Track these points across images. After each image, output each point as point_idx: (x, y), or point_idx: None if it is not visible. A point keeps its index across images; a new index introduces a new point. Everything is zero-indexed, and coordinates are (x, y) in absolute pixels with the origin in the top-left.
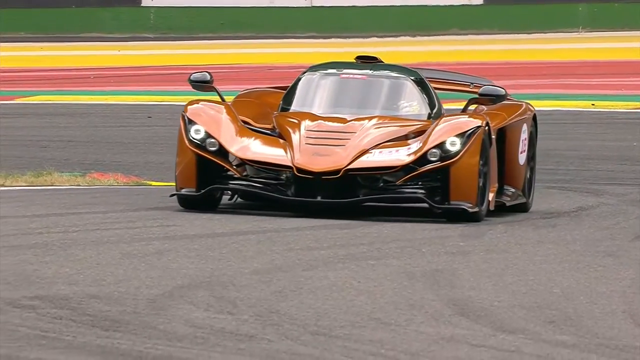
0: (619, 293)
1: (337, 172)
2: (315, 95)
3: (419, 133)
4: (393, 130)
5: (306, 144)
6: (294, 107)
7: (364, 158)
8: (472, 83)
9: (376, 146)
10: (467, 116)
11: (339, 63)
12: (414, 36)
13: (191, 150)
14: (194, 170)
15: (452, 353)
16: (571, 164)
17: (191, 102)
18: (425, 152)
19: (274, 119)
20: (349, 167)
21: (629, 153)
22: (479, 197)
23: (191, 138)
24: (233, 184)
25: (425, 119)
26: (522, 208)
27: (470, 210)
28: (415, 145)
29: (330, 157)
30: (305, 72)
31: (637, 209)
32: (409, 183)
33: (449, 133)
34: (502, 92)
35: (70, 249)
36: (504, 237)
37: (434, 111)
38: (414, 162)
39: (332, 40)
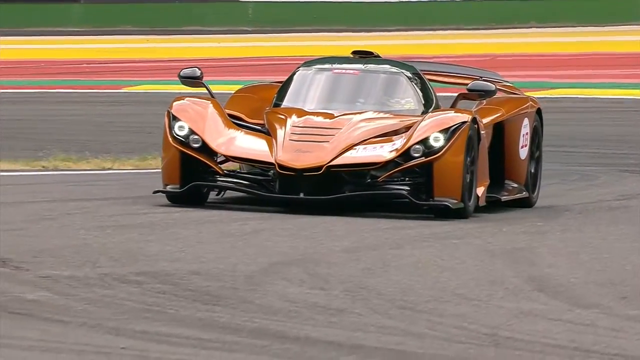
0: None
1: (318, 168)
2: (307, 91)
3: (408, 129)
4: (382, 126)
5: (290, 140)
6: (285, 103)
7: (347, 154)
8: (480, 77)
9: (362, 142)
10: (453, 112)
11: (335, 58)
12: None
13: (175, 147)
14: (177, 166)
15: (531, 327)
16: None
17: (177, 98)
18: (408, 148)
19: (265, 114)
20: (331, 163)
21: None
22: (465, 193)
23: (175, 135)
24: (219, 180)
25: (420, 114)
26: (526, 203)
27: (453, 206)
28: (399, 141)
29: (312, 153)
30: (299, 67)
31: None
32: (394, 179)
33: (433, 129)
34: (492, 87)
35: (173, 228)
36: (579, 217)
37: (430, 107)
38: (397, 158)
39: (418, 32)
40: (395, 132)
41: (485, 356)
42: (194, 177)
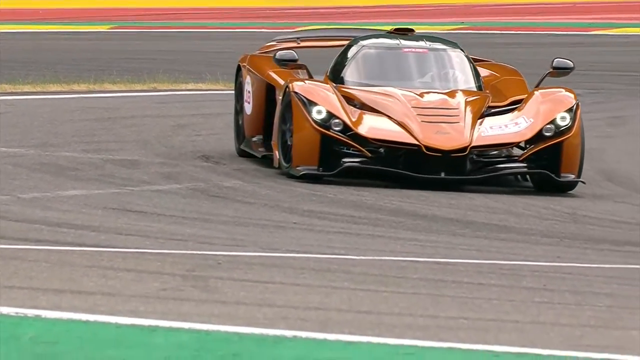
0: None
1: (464, 149)
2: (379, 69)
3: (492, 106)
4: (479, 104)
5: (422, 121)
6: (355, 79)
7: (483, 135)
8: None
9: (480, 122)
10: (563, 90)
11: (385, 35)
12: None
13: (316, 130)
14: (317, 149)
15: (602, 207)
16: None
17: (295, 81)
18: (541, 128)
19: (338, 91)
20: (474, 144)
21: None
22: (582, 169)
23: (315, 119)
24: (364, 161)
25: (476, 89)
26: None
27: (576, 181)
28: (521, 120)
29: (451, 134)
30: (353, 45)
31: None
32: (514, 158)
33: (558, 108)
34: (571, 64)
35: None
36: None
37: (480, 81)
38: (532, 137)
39: None
40: (492, 108)
41: (567, 230)
42: (332, 158)
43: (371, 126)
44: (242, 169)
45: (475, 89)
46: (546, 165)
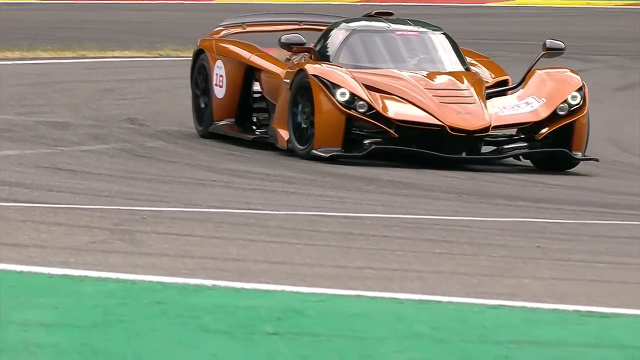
0: None
1: (487, 129)
2: (374, 52)
3: (489, 87)
4: (481, 85)
5: (440, 102)
6: (350, 63)
7: (498, 115)
8: (301, 21)
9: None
10: (568, 70)
11: (370, 18)
12: None
13: (342, 112)
14: (342, 131)
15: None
16: None
17: (309, 63)
18: (556, 108)
19: (349, 77)
20: (495, 124)
21: None
22: (585, 147)
23: (339, 100)
24: (389, 142)
25: (464, 71)
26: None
27: (591, 158)
28: (531, 99)
29: (472, 115)
30: (335, 29)
31: None
32: (514, 137)
33: (569, 88)
34: (562, 45)
35: None
36: None
37: (465, 62)
38: (547, 117)
39: None
40: (490, 88)
41: (464, 186)
42: (353, 140)
43: (394, 108)
44: (165, 130)
45: (464, 71)
46: (560, 145)
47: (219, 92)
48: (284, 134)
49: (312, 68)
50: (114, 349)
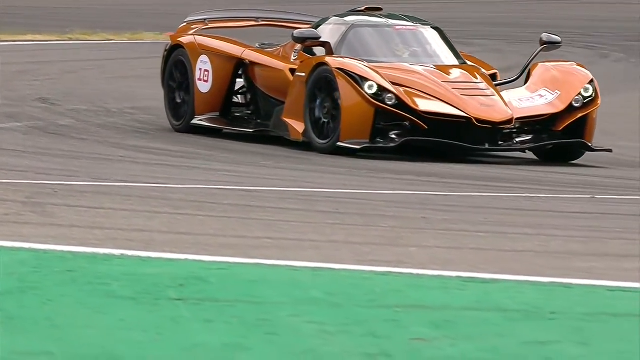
0: None
1: (510, 121)
2: (375, 47)
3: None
4: (488, 78)
5: (462, 95)
6: (350, 57)
7: (516, 107)
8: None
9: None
10: (575, 64)
11: (360, 12)
12: None
13: (372, 104)
14: (370, 123)
15: None
16: None
17: (328, 57)
18: (572, 100)
19: (362, 69)
20: (517, 115)
21: None
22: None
23: (368, 93)
24: (419, 134)
25: (463, 63)
26: None
27: (607, 149)
28: (544, 92)
29: (495, 107)
30: (326, 22)
31: None
32: (518, 129)
33: (581, 80)
34: (559, 39)
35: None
36: None
37: (461, 57)
38: (565, 109)
39: None
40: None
41: (352, 161)
42: (379, 131)
43: (420, 100)
44: (75, 109)
45: (468, 65)
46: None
47: (204, 86)
48: (298, 126)
49: (335, 62)
50: (28, 315)
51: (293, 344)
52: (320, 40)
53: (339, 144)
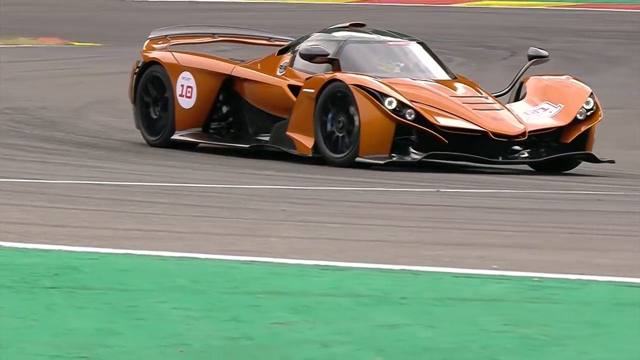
0: None
1: (524, 134)
2: (370, 62)
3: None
4: (489, 93)
5: (474, 110)
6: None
7: (529, 122)
8: (270, 37)
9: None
10: (571, 77)
11: (346, 28)
12: None
13: (393, 119)
14: (390, 138)
15: None
16: None
17: (339, 73)
18: (576, 113)
19: (365, 83)
20: (530, 129)
21: None
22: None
23: (388, 108)
24: (440, 148)
25: (451, 79)
26: None
27: (610, 161)
28: (546, 105)
29: (506, 121)
30: (307, 39)
31: None
32: (520, 139)
33: (582, 93)
34: (546, 53)
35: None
36: None
37: (448, 70)
38: (571, 122)
39: None
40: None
41: (217, 159)
42: (398, 147)
43: (437, 115)
44: None
45: (464, 78)
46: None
47: (186, 102)
48: (306, 141)
49: (349, 78)
50: None
51: (160, 328)
52: (329, 57)
53: (358, 159)
